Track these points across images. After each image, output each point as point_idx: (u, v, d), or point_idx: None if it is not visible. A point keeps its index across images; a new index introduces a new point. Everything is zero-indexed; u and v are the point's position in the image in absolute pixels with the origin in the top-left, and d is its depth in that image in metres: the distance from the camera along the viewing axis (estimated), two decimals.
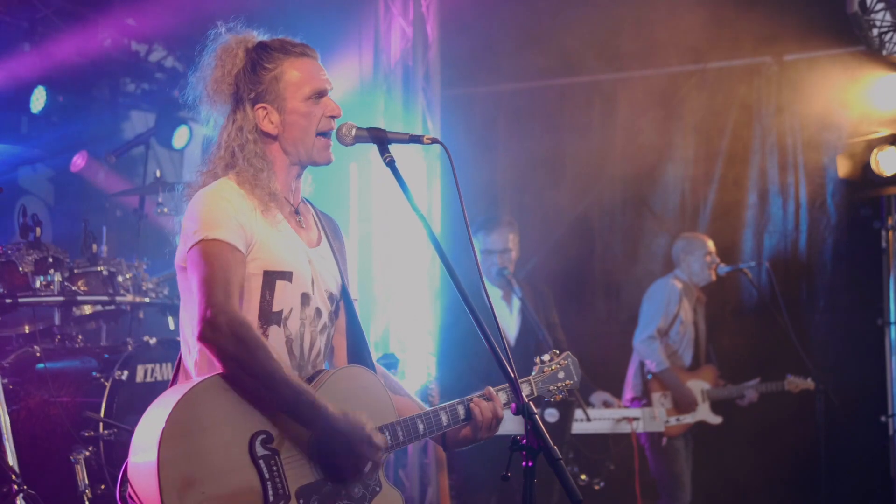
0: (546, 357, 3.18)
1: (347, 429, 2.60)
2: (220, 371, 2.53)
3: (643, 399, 6.31)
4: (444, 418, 2.85)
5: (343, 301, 2.97)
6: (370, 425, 2.64)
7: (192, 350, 2.69)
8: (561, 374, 3.17)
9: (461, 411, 2.88)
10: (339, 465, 2.64)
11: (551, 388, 3.13)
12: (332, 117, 2.84)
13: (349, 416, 2.61)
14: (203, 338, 2.52)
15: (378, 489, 2.76)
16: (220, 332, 2.49)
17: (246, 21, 2.91)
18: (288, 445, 2.59)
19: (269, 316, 2.71)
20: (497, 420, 2.89)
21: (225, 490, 2.45)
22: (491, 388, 2.94)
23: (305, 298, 2.79)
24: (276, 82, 2.80)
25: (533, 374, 3.14)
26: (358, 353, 2.96)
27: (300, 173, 2.91)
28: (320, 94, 2.83)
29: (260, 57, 2.82)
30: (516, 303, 5.80)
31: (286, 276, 2.74)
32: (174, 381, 2.80)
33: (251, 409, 2.55)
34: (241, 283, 2.63)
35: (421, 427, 2.82)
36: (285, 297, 2.74)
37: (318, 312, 2.84)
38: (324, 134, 2.84)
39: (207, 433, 2.47)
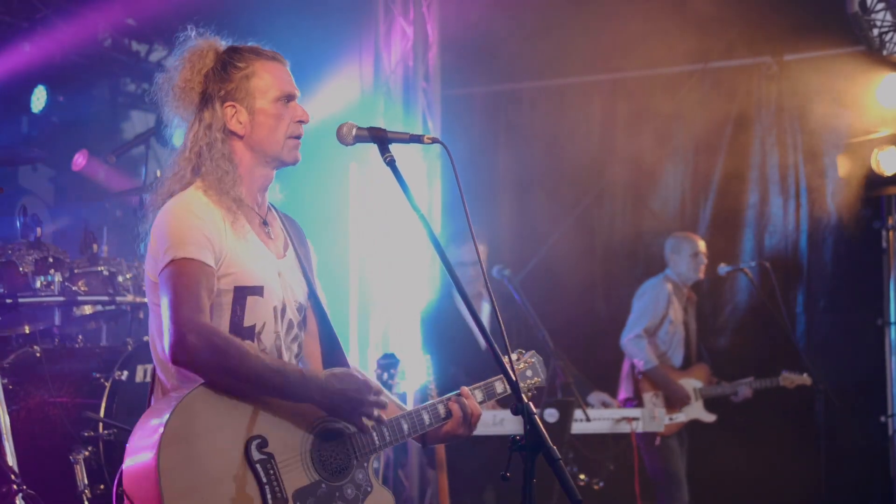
0: (514, 356, 3.20)
1: (342, 385, 2.66)
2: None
3: (635, 400, 6.30)
4: (426, 417, 2.90)
5: (312, 306, 2.97)
6: (360, 375, 2.72)
7: (161, 356, 2.68)
8: (529, 373, 3.19)
9: (441, 410, 2.92)
10: (349, 419, 2.71)
11: (521, 385, 3.12)
12: (301, 122, 2.84)
13: (336, 373, 2.68)
14: (177, 360, 2.52)
15: (370, 489, 2.78)
16: (192, 350, 2.49)
17: (246, 21, 2.90)
18: (282, 449, 2.61)
19: (240, 331, 2.71)
20: (475, 417, 2.93)
21: (224, 495, 2.47)
22: (466, 388, 2.98)
23: (277, 312, 2.80)
24: (246, 81, 2.78)
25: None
26: (332, 355, 2.98)
27: (266, 184, 2.88)
28: (289, 98, 2.83)
29: (231, 57, 2.81)
30: (486, 308, 5.85)
31: (257, 290, 2.74)
32: (151, 390, 2.80)
33: (244, 414, 2.57)
34: (211, 297, 2.64)
35: (406, 427, 2.86)
36: (256, 312, 2.74)
37: (291, 324, 2.86)
38: (293, 137, 2.83)
39: (204, 440, 2.48)
